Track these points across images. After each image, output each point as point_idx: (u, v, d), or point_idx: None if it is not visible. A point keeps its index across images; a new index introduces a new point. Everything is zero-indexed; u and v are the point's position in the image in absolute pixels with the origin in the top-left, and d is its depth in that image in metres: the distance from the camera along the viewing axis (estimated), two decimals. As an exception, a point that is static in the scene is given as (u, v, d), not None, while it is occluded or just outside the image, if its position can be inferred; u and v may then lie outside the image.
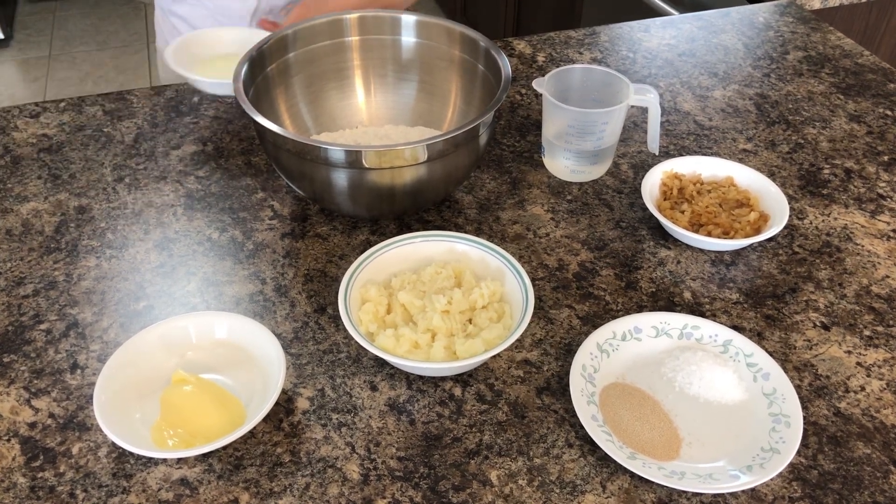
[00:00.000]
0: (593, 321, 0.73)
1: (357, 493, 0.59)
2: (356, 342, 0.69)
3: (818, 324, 0.73)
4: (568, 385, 0.66)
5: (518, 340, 0.71)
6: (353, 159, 0.72)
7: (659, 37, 1.17)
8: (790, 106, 1.02)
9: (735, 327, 0.72)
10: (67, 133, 0.95)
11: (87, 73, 2.94)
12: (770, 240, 0.82)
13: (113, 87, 2.85)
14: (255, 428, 0.63)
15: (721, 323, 0.72)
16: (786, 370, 0.69)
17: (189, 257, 0.79)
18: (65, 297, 0.74)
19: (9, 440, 0.62)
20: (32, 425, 0.63)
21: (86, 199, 0.85)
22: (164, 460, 0.61)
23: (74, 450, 0.62)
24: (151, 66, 2.99)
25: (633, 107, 1.01)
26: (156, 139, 0.94)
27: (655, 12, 1.64)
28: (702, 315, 0.73)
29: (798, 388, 0.67)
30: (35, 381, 0.67)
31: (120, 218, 0.83)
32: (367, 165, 0.72)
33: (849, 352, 0.71)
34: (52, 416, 0.64)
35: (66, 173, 0.89)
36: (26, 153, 0.92)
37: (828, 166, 0.92)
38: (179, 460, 0.61)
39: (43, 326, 0.71)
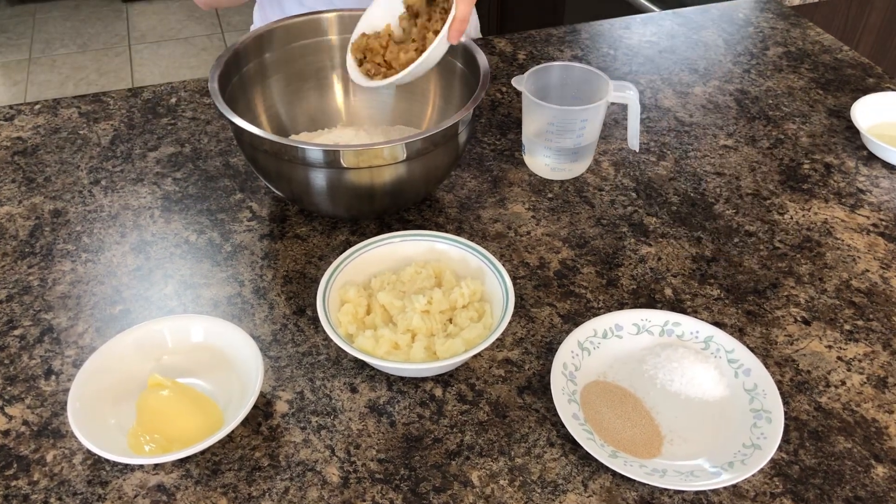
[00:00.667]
0: (574, 319, 0.72)
1: (337, 496, 0.58)
2: (335, 344, 0.69)
3: (799, 319, 0.73)
4: (549, 384, 0.66)
5: (499, 340, 0.70)
6: (332, 159, 0.71)
7: (640, 34, 1.17)
8: (770, 101, 1.02)
9: (716, 323, 0.72)
10: (42, 136, 0.93)
11: (67, 76, 2.92)
12: (750, 235, 0.82)
13: (94, 90, 2.82)
14: (233, 432, 0.62)
15: (702, 319, 0.72)
16: (767, 366, 0.69)
17: (166, 260, 0.78)
18: (39, 301, 0.73)
19: (-19, 448, 0.61)
20: (6, 433, 0.62)
21: (61, 202, 0.84)
22: (141, 466, 0.60)
23: (49, 457, 0.61)
24: (133, 68, 2.96)
25: (613, 104, 1.00)
26: (132, 141, 0.93)
27: (637, 10, 1.64)
28: (683, 311, 0.73)
29: (779, 383, 0.67)
30: (8, 388, 0.65)
31: (96, 221, 0.82)
32: (345, 165, 0.72)
33: (829, 346, 0.71)
34: (25, 423, 0.63)
35: (40, 176, 0.87)
36: (0, 156, 0.90)
37: (808, 161, 0.92)
38: (156, 466, 0.60)
39: (17, 332, 0.70)
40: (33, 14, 3.31)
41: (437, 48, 0.73)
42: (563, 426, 0.63)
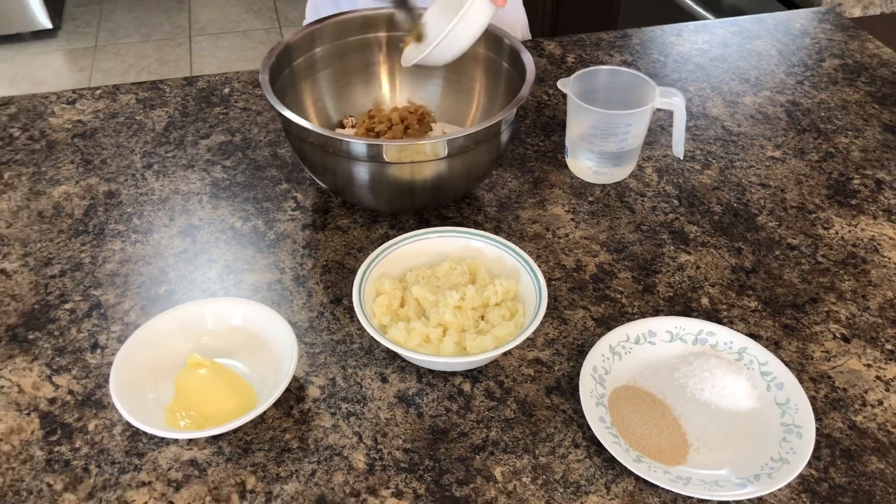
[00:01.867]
0: (608, 323, 0.72)
1: (361, 482, 0.60)
2: (369, 334, 0.70)
3: (838, 335, 0.72)
4: (578, 386, 0.66)
5: (530, 339, 0.71)
6: (375, 153, 0.72)
7: (691, 41, 1.16)
8: (822, 114, 1.01)
9: (752, 335, 0.71)
10: (101, 120, 0.97)
11: (130, 65, 3.01)
12: (793, 248, 0.81)
13: (154, 79, 2.90)
14: (265, 413, 0.64)
15: (738, 330, 0.71)
16: (801, 381, 0.68)
17: (211, 245, 0.80)
18: (90, 278, 0.76)
19: (29, 414, 0.64)
20: (52, 401, 0.65)
21: (115, 184, 0.87)
22: (176, 441, 0.62)
23: (90, 426, 0.63)
24: (192, 59, 3.04)
25: (661, 110, 1.00)
26: (186, 128, 0.96)
27: (692, 17, 1.62)
28: (719, 321, 0.73)
29: (813, 399, 0.66)
30: (57, 359, 0.68)
31: (147, 204, 0.85)
32: (387, 160, 0.73)
33: (868, 365, 0.69)
34: (71, 392, 0.66)
35: (97, 159, 0.91)
36: (61, 138, 0.94)
37: (858, 176, 0.91)
38: (190, 441, 0.62)
39: (67, 306, 0.73)
40: (100, 3, 3.41)
41: (473, 10, 0.71)
42: (590, 428, 0.63)
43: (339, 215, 0.84)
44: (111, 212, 0.84)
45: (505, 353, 0.69)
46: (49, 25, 3.10)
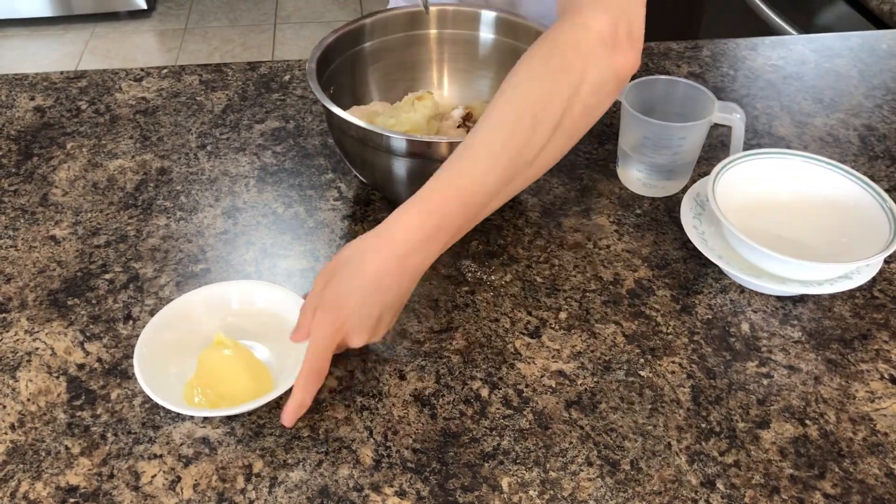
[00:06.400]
0: (639, 341, 0.70)
1: (366, 477, 0.59)
2: (391, 328, 0.69)
3: (886, 376, 0.67)
4: (598, 402, 0.64)
5: (556, 350, 0.69)
6: (413, 150, 0.72)
7: (765, 56, 1.11)
8: (899, 141, 0.95)
9: (790, 367, 0.68)
10: (164, 98, 1.00)
11: (215, 48, 3.10)
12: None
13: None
14: (281, 399, 0.64)
15: (776, 361, 0.68)
16: (839, 420, 0.64)
17: (252, 228, 0.81)
18: (132, 251, 0.78)
19: (58, 378, 0.66)
20: (81, 366, 0.67)
21: (168, 161, 0.90)
22: (192, 417, 0.63)
23: (113, 395, 0.65)
24: (275, 46, 3.11)
25: (723, 126, 0.96)
26: (243, 112, 0.98)
27: (776, 32, 1.56)
28: (757, 350, 0.69)
29: (850, 441, 0.62)
30: (91, 326, 0.71)
31: (195, 183, 0.87)
32: (426, 157, 0.72)
33: (916, 411, 0.65)
34: (99, 360, 0.68)
35: (155, 136, 0.93)
36: (124, 113, 0.97)
37: (930, 210, 0.85)
38: (205, 419, 0.63)
39: (107, 276, 0.75)
40: (194, -13, 3.53)
41: None
42: (605, 447, 0.61)
43: (380, 209, 0.84)
44: (161, 188, 0.86)
45: (527, 362, 0.68)
46: (144, 6, 3.22)
